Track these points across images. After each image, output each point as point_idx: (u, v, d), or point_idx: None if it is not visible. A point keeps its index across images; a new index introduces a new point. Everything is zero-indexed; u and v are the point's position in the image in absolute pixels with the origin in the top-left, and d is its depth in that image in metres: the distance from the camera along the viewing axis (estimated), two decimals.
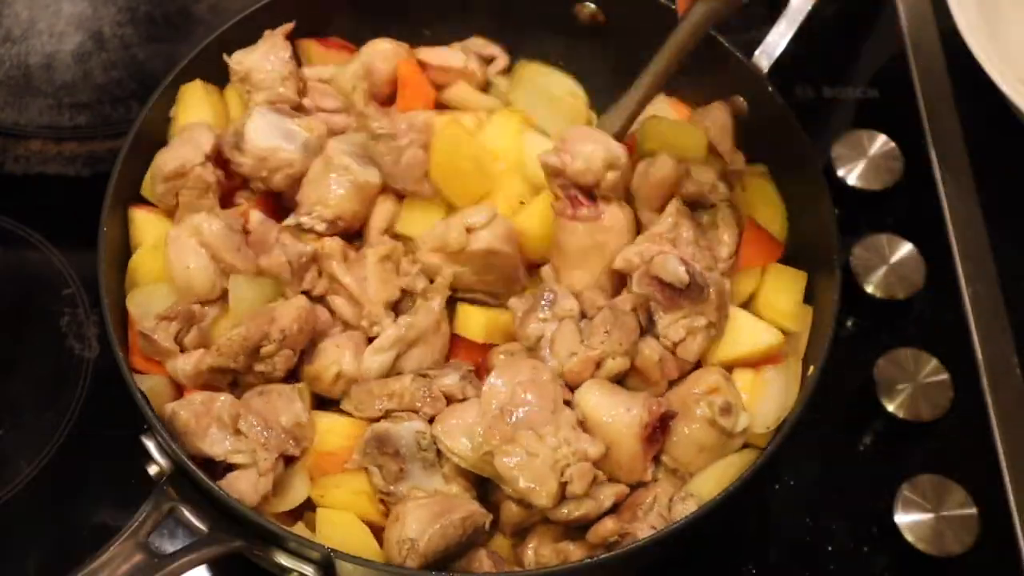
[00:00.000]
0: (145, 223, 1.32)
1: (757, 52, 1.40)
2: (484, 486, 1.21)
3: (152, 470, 1.15)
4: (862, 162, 1.64)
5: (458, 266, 1.27)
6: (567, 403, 1.18)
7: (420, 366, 1.25)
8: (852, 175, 1.63)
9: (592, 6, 1.48)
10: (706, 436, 1.19)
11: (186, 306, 1.24)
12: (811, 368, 1.22)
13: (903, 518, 1.34)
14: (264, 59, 1.39)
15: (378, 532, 1.18)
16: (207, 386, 1.23)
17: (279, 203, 1.36)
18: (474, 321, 1.28)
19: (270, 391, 1.22)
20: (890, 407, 1.43)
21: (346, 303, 1.27)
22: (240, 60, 1.40)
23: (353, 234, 1.35)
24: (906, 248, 1.55)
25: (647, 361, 1.23)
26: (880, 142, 1.65)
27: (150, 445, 1.15)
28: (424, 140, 1.33)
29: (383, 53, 1.44)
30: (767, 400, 1.23)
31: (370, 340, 1.26)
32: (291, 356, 1.23)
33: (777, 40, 1.41)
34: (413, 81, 1.45)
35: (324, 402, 1.27)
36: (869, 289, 1.52)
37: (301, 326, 1.23)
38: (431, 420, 1.20)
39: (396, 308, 1.29)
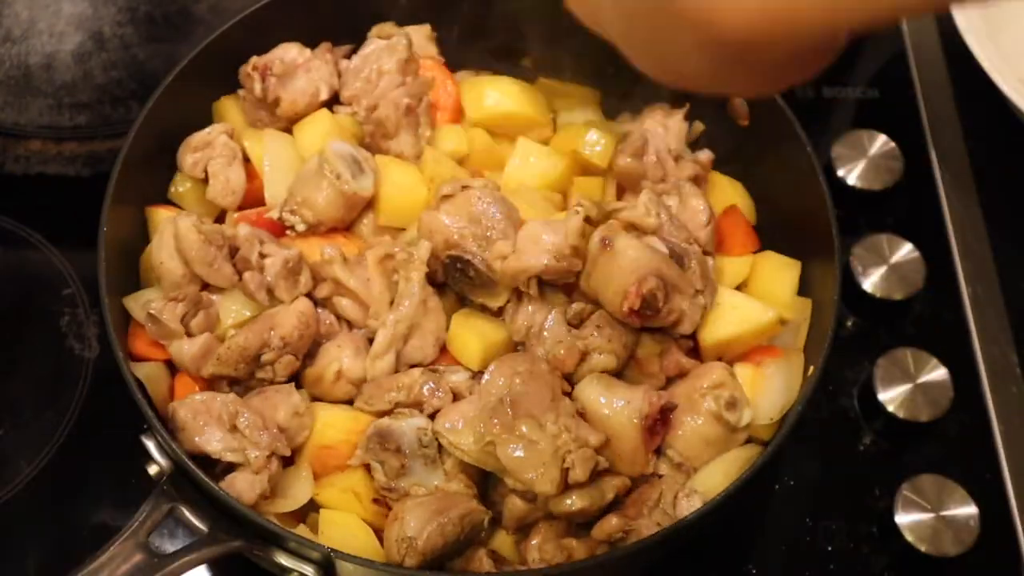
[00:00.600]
0: (163, 219, 1.31)
1: None
2: (485, 483, 1.21)
3: (152, 470, 1.15)
4: (862, 162, 1.64)
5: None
6: (566, 395, 1.19)
7: (423, 354, 1.26)
8: (852, 175, 1.63)
9: None
10: (711, 430, 1.20)
11: (193, 290, 1.25)
12: (811, 369, 1.22)
13: (903, 518, 1.34)
14: None
15: (380, 533, 1.18)
16: (210, 383, 1.24)
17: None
18: (471, 348, 1.26)
19: (269, 389, 1.23)
20: (890, 407, 1.43)
21: (352, 305, 1.28)
22: None
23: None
24: (906, 248, 1.55)
25: (649, 352, 1.23)
26: (880, 142, 1.65)
27: (150, 445, 1.15)
28: None
29: None
30: (770, 393, 1.23)
31: (371, 340, 1.27)
32: (293, 361, 1.24)
33: None
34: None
35: None
36: (869, 289, 1.52)
37: (302, 332, 1.23)
38: (434, 415, 1.20)
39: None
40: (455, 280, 1.27)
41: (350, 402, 1.26)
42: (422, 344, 1.26)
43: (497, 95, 1.46)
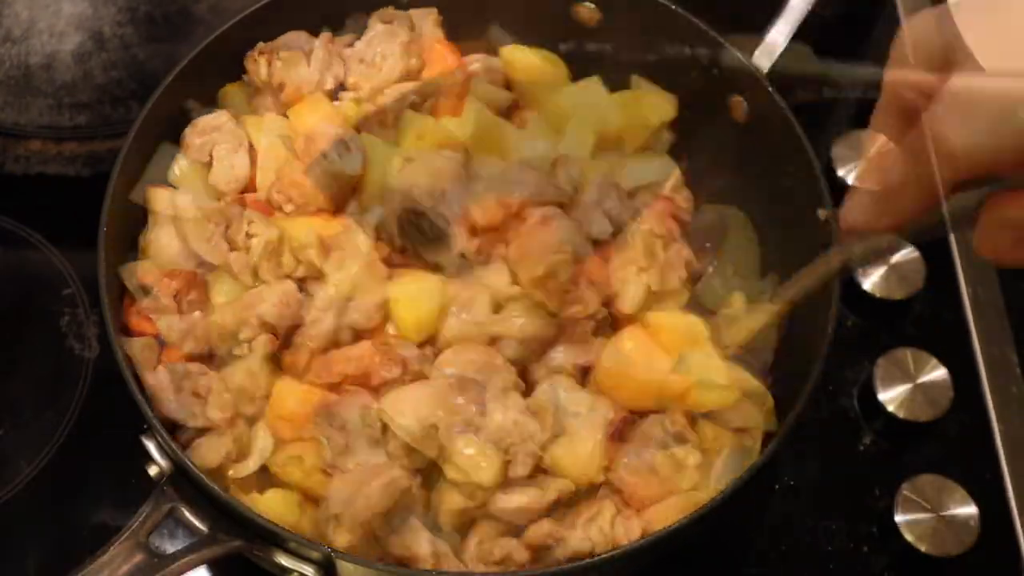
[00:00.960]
0: (162, 199, 1.32)
1: (757, 52, 1.40)
2: (432, 476, 1.18)
3: (152, 470, 1.15)
4: (862, 162, 1.64)
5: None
6: (520, 392, 1.19)
7: (367, 318, 1.24)
8: (852, 175, 1.63)
9: (591, 6, 1.48)
10: (655, 459, 1.17)
11: (188, 267, 1.27)
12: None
13: (903, 518, 1.34)
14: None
15: None
16: (190, 355, 1.25)
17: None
18: (404, 317, 1.24)
19: (237, 360, 1.23)
20: (890, 407, 1.43)
21: (324, 288, 1.27)
22: None
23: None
24: (906, 248, 1.55)
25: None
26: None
27: (150, 445, 1.15)
28: None
29: None
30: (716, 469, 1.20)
31: None
32: (272, 340, 1.24)
33: (777, 40, 1.41)
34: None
35: None
36: (869, 289, 1.52)
37: (282, 312, 1.23)
38: (383, 388, 1.19)
39: None
40: (410, 235, 1.27)
41: None
42: (365, 305, 1.24)
43: (535, 56, 1.47)
